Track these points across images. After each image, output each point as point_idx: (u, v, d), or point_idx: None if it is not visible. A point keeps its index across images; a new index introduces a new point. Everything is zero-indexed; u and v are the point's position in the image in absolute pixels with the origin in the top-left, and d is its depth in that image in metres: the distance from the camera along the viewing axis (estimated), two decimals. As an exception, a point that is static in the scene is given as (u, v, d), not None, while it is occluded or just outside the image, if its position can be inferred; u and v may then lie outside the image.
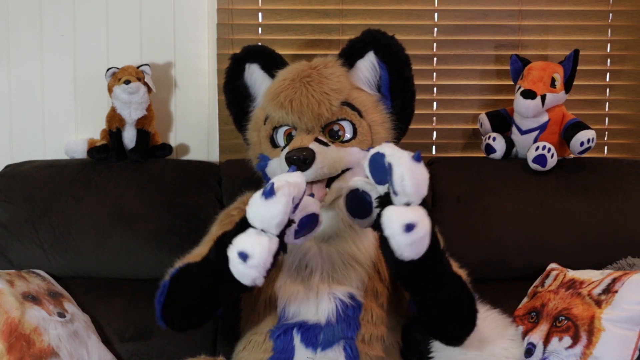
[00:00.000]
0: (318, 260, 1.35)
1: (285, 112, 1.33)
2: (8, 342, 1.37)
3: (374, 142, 1.38)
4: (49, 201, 1.74)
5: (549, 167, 1.76)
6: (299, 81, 1.35)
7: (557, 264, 1.64)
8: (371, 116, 1.39)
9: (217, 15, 2.01)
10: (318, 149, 1.30)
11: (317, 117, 1.33)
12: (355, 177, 1.19)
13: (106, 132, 1.92)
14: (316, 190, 1.31)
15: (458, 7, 2.02)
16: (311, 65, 1.39)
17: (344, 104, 1.36)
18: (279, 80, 1.39)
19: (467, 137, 2.07)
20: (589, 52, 2.01)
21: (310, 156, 1.27)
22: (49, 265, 1.70)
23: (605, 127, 2.06)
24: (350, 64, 1.43)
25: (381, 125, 1.41)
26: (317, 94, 1.33)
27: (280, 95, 1.34)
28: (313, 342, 1.29)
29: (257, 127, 1.46)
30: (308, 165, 1.27)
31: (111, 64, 1.94)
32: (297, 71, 1.38)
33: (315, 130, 1.35)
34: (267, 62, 1.50)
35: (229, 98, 1.59)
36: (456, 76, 2.04)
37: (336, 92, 1.35)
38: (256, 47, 1.55)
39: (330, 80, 1.36)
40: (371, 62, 1.43)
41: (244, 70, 1.53)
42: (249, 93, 1.55)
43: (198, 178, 1.83)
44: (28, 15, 1.99)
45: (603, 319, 1.35)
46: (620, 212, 1.73)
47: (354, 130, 1.37)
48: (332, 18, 2.01)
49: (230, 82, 1.56)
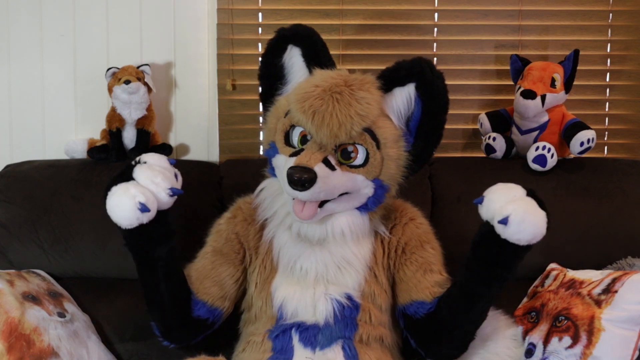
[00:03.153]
0: (312, 263, 1.35)
1: (305, 120, 1.29)
2: (8, 342, 1.36)
3: (382, 174, 1.34)
4: (49, 201, 1.74)
5: (549, 167, 1.76)
6: (330, 94, 1.27)
7: (557, 264, 1.64)
8: (388, 150, 1.33)
9: (217, 15, 2.01)
10: (322, 174, 1.25)
11: (334, 137, 1.28)
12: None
13: (106, 132, 1.92)
14: (307, 207, 1.29)
15: (458, 7, 2.02)
16: (347, 80, 1.30)
17: (366, 130, 1.31)
18: (311, 84, 1.32)
19: (467, 137, 2.07)
20: (589, 52, 2.01)
21: (312, 180, 1.24)
22: (49, 265, 1.70)
23: (605, 127, 2.06)
24: (387, 87, 1.35)
25: (395, 161, 1.35)
26: (341, 115, 1.27)
27: (306, 102, 1.29)
28: (312, 342, 1.29)
29: (277, 115, 1.40)
30: (307, 188, 1.24)
31: (111, 64, 1.95)
32: (331, 82, 1.30)
33: (328, 147, 1.30)
34: (311, 50, 1.41)
35: (262, 72, 1.49)
36: (456, 76, 2.04)
37: (361, 117, 1.28)
38: (305, 30, 1.42)
39: (360, 104, 1.28)
40: (409, 94, 1.34)
41: (285, 50, 1.44)
42: (283, 74, 1.46)
43: (198, 178, 1.82)
44: (28, 15, 1.99)
45: (603, 319, 1.35)
46: (620, 212, 1.73)
47: (366, 158, 1.32)
48: (332, 18, 2.02)
49: (268, 57, 1.46)
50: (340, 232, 1.34)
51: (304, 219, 1.29)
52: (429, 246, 1.42)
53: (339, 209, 1.34)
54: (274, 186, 1.41)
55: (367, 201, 1.35)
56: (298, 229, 1.36)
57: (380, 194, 1.35)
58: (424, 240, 1.42)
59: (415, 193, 1.53)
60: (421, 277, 1.38)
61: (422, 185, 1.78)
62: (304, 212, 1.29)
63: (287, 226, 1.39)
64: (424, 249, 1.41)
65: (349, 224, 1.34)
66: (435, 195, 1.78)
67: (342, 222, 1.34)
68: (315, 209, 1.29)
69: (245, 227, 1.45)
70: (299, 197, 1.27)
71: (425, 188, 1.79)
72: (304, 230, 1.35)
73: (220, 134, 2.04)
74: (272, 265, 1.40)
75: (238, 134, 2.02)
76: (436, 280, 1.37)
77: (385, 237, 1.41)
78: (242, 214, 1.47)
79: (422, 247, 1.41)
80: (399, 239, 1.42)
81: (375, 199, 1.35)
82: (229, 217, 1.48)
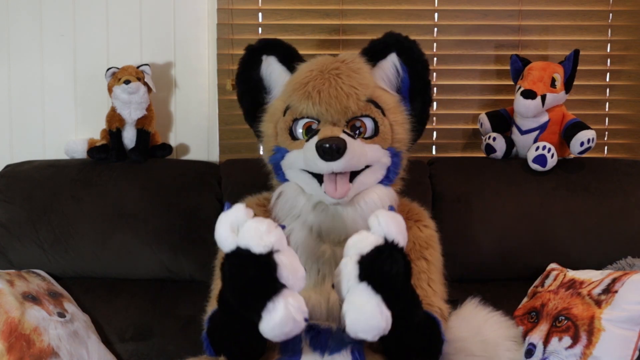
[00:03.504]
0: (332, 266, 1.30)
1: (312, 103, 1.31)
2: (8, 342, 1.37)
3: (394, 141, 1.38)
4: (49, 201, 1.74)
5: (549, 167, 1.76)
6: (328, 72, 1.33)
7: (557, 264, 1.64)
8: (393, 116, 1.39)
9: (217, 15, 2.01)
10: (349, 140, 1.28)
11: (345, 109, 1.32)
12: None
13: (106, 132, 1.92)
14: (340, 184, 1.29)
15: (458, 7, 2.02)
16: (338, 59, 1.38)
17: (369, 101, 1.36)
18: (305, 71, 1.37)
19: (467, 137, 2.07)
20: (589, 52, 2.01)
21: (343, 145, 1.25)
22: (49, 265, 1.70)
23: (605, 127, 2.06)
24: (372, 63, 1.42)
25: (401, 125, 1.40)
26: (346, 87, 1.32)
27: (308, 85, 1.33)
28: (322, 346, 1.27)
29: (274, 119, 1.42)
30: (340, 154, 1.24)
31: (111, 64, 1.95)
32: (325, 63, 1.36)
33: (340, 123, 1.33)
34: (285, 55, 1.48)
35: (242, 89, 1.54)
36: (456, 76, 2.04)
37: (364, 87, 1.34)
38: (273, 40, 1.51)
39: (359, 75, 1.35)
40: (393, 63, 1.42)
41: (260, 62, 1.50)
42: (264, 85, 1.51)
43: (198, 178, 1.82)
44: (28, 15, 1.99)
45: (603, 319, 1.35)
46: (620, 212, 1.73)
47: (375, 128, 1.36)
48: (332, 18, 2.02)
49: (245, 73, 1.52)
50: (373, 205, 1.32)
51: (340, 197, 1.28)
52: (427, 252, 1.40)
53: (367, 183, 1.34)
54: (293, 186, 1.39)
55: (387, 172, 1.38)
56: (319, 229, 1.34)
57: (397, 162, 1.40)
58: (423, 245, 1.41)
59: (415, 193, 1.53)
60: None
61: (422, 185, 1.78)
62: (338, 189, 1.28)
63: (309, 227, 1.35)
64: (421, 254, 1.39)
65: (379, 196, 1.34)
66: (435, 195, 1.78)
67: (373, 196, 1.34)
68: (347, 184, 1.29)
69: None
70: (333, 168, 1.26)
71: (425, 188, 1.79)
72: (325, 228, 1.33)
73: (220, 134, 2.04)
74: None
75: (238, 134, 2.02)
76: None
77: None
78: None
79: (420, 252, 1.40)
80: None
81: (394, 168, 1.39)
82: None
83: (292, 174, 1.38)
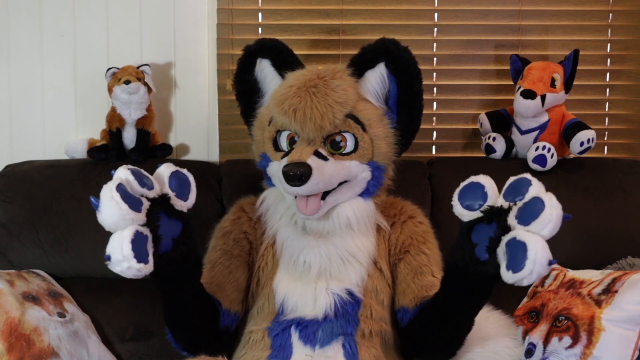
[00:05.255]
0: (316, 255, 1.35)
1: (288, 120, 1.32)
2: (8, 342, 1.37)
3: (375, 155, 1.37)
4: (49, 201, 1.74)
5: (549, 167, 1.76)
6: (305, 90, 1.32)
7: (557, 264, 1.64)
8: (374, 130, 1.37)
9: (217, 15, 2.01)
10: (315, 165, 1.28)
11: (319, 129, 1.31)
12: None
13: (106, 132, 1.92)
14: (310, 202, 1.30)
15: (458, 7, 2.02)
16: (319, 74, 1.36)
17: (348, 117, 1.34)
18: (286, 85, 1.37)
19: (467, 137, 2.07)
20: (589, 52, 2.01)
21: (307, 172, 1.26)
22: (49, 265, 1.71)
23: (605, 127, 2.06)
24: (359, 73, 1.40)
25: (384, 139, 1.38)
26: (321, 106, 1.31)
27: (285, 102, 1.33)
28: (311, 339, 1.29)
29: (261, 126, 1.45)
30: (304, 181, 1.25)
31: (111, 64, 1.95)
32: (304, 79, 1.35)
33: (316, 141, 1.33)
34: (279, 59, 1.47)
35: (238, 90, 1.56)
36: (456, 76, 2.04)
37: (341, 105, 1.32)
38: (270, 42, 1.50)
39: (336, 93, 1.33)
40: (381, 74, 1.38)
41: (254, 65, 1.50)
42: (258, 88, 1.52)
43: (198, 178, 1.79)
44: (28, 16, 1.99)
45: (603, 318, 1.35)
46: (620, 212, 1.73)
47: (355, 144, 1.35)
48: (332, 18, 2.02)
49: (241, 75, 1.53)
50: (346, 220, 1.35)
51: (310, 214, 1.30)
52: (426, 247, 1.42)
53: (342, 198, 1.35)
54: (275, 193, 1.43)
55: (367, 186, 1.38)
56: (303, 223, 1.37)
57: (378, 175, 1.39)
58: (420, 240, 1.42)
59: (415, 193, 1.53)
60: (410, 281, 1.38)
61: (422, 185, 1.78)
62: (308, 207, 1.30)
63: (293, 222, 1.39)
64: (420, 249, 1.41)
65: (354, 211, 1.36)
66: (435, 195, 1.78)
67: (347, 210, 1.35)
68: (318, 202, 1.31)
69: (252, 226, 1.46)
70: (298, 193, 1.28)
71: (425, 188, 1.79)
72: (310, 223, 1.37)
73: (220, 134, 2.04)
74: (274, 261, 1.40)
75: (238, 134, 2.02)
76: (424, 284, 1.36)
77: (387, 232, 1.42)
78: (245, 214, 1.47)
79: (418, 247, 1.41)
80: (398, 237, 1.42)
81: (375, 182, 1.39)
82: (232, 218, 1.48)
83: (275, 181, 1.41)
